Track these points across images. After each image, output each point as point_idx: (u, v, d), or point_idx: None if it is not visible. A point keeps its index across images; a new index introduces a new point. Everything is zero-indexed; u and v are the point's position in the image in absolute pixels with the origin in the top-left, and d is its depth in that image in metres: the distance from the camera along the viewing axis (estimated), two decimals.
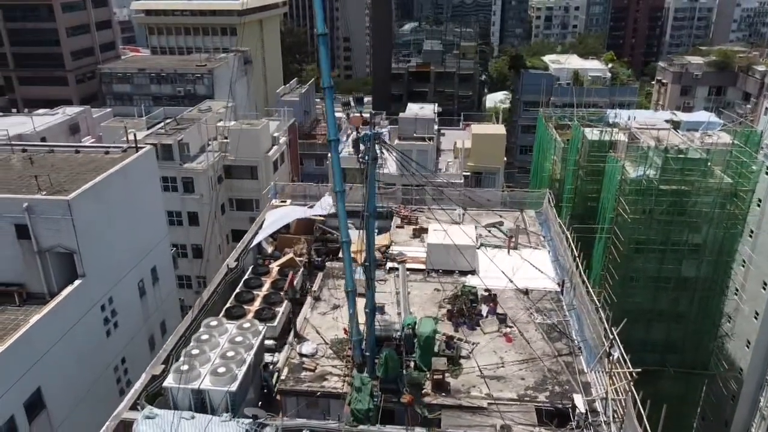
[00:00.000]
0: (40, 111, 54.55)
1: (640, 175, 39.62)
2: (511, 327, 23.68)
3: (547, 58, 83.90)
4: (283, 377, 21.10)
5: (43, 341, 22.71)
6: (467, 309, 24.22)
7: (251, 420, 18.57)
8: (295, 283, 26.84)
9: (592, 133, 46.42)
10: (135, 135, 30.83)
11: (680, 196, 39.46)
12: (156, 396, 20.18)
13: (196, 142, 47.97)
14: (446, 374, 20.51)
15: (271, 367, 22.48)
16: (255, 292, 27.04)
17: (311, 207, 33.15)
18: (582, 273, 25.76)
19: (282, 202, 34.52)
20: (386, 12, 79.39)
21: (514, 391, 20.24)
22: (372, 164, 18.83)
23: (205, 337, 21.31)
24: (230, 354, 20.38)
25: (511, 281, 25.13)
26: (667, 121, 52.95)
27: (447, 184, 42.73)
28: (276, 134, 52.14)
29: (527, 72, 74.70)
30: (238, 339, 21.15)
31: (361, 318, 21.12)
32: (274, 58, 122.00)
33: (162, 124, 49.96)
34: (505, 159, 52.19)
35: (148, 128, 49.63)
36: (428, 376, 20.47)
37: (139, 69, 76.77)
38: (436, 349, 21.56)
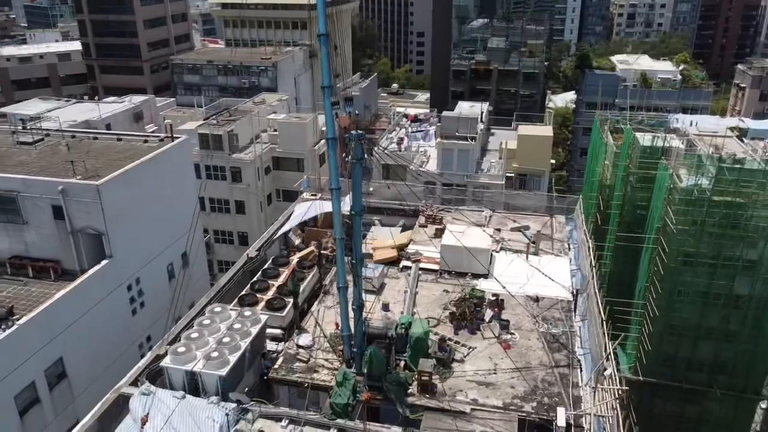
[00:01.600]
0: (109, 99, 57.96)
1: (691, 185, 37.73)
2: (512, 334, 23.34)
3: (615, 58, 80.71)
4: (276, 366, 21.75)
5: (67, 315, 24.42)
6: (470, 312, 24.04)
7: (236, 404, 19.33)
8: (311, 276, 27.60)
9: (643, 138, 44.55)
10: (171, 126, 32.40)
11: (735, 208, 37.23)
12: (159, 374, 21.30)
13: (247, 134, 49.59)
14: (433, 376, 20.52)
15: (274, 355, 23.22)
16: (270, 282, 27.93)
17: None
18: (595, 284, 25.01)
19: (312, 195, 35.27)
20: (446, 8, 78.86)
21: (501, 399, 20.00)
22: (357, 164, 19.03)
23: (206, 322, 22.28)
24: (226, 340, 21.23)
25: (505, 289, 24.62)
26: (731, 129, 49.99)
27: (450, 185, 42.29)
28: (324, 128, 52.99)
29: (591, 72, 72.18)
30: (237, 326, 21.96)
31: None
32: (344, 53, 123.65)
33: (216, 114, 51.97)
34: (554, 162, 50.92)
35: (205, 119, 51.75)
36: (416, 376, 20.56)
37: (207, 61, 79.96)
38: (430, 350, 21.61)
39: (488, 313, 24.26)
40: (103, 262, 26.51)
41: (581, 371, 21.52)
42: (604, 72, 72.28)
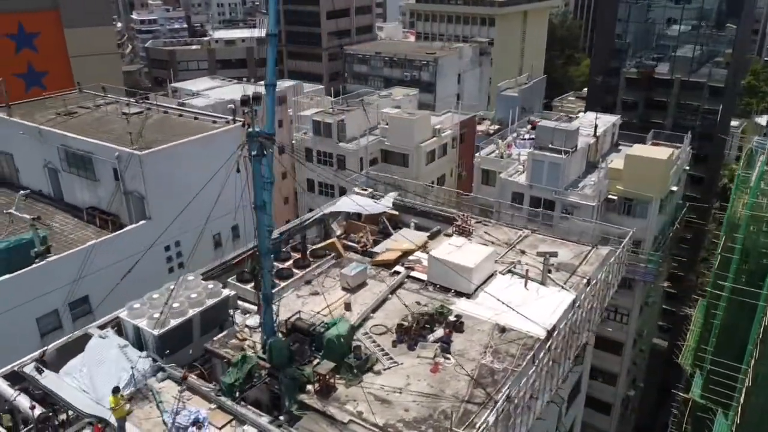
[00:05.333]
0: (262, 82, 64.32)
1: None
2: (447, 358, 22.23)
3: None
4: (215, 338, 23.59)
5: (99, 260, 28.88)
6: (416, 328, 23.38)
7: (153, 361, 21.67)
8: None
9: None
10: (234, 110, 35.63)
11: None
12: None
13: (360, 124, 51.69)
14: (331, 379, 20.68)
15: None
16: (276, 264, 29.85)
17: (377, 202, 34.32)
18: (566, 326, 22.55)
19: (363, 189, 36.20)
20: (611, 9, 72.45)
21: (385, 418, 19.46)
22: (256, 160, 19.78)
23: (173, 287, 24.90)
24: (176, 305, 23.56)
25: (470, 311, 23.20)
26: None
27: (539, 199, 39.35)
28: (438, 126, 53.12)
29: None
30: (193, 296, 24.22)
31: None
32: (536, 51, 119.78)
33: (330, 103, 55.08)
34: (675, 189, 44.87)
35: (330, 107, 55.16)
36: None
37: (376, 52, 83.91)
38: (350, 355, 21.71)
39: (438, 333, 23.33)
40: (141, 223, 30.76)
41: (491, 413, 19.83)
42: None
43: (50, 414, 19.70)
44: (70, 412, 20.16)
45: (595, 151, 45.86)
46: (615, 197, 42.74)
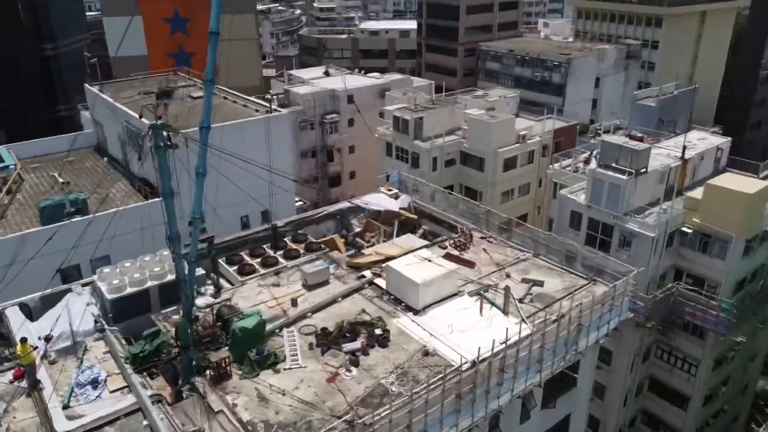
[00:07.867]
0: (373, 74, 65.81)
1: None
2: (350, 371, 21.73)
3: None
4: (162, 312, 25.39)
5: (122, 226, 32.22)
6: (336, 335, 23.13)
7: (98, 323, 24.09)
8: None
9: None
10: (271, 101, 37.13)
11: None
12: None
13: (441, 124, 50.78)
14: (227, 366, 21.40)
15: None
16: (270, 252, 31.12)
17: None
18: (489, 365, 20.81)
19: (389, 190, 35.91)
20: (763, 25, 61.57)
21: (254, 416, 19.74)
22: (160, 151, 20.77)
23: (147, 259, 27.22)
24: (137, 276, 25.82)
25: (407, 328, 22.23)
26: None
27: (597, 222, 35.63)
28: (524, 132, 50.31)
29: None
30: (157, 269, 26.27)
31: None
32: (715, 57, 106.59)
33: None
34: None
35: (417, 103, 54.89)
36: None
37: (508, 50, 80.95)
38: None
39: (355, 344, 22.83)
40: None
41: None
42: None
43: None
44: None
45: (683, 175, 40.34)
46: (690, 230, 37.47)
